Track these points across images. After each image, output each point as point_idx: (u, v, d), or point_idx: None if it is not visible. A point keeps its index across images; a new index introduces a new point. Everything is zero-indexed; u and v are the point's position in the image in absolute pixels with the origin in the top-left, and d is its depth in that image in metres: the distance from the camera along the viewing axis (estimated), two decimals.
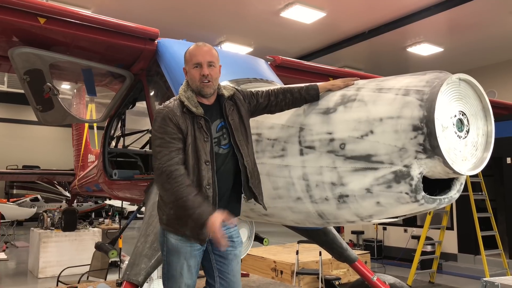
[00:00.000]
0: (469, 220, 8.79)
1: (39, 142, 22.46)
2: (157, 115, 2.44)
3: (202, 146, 2.40)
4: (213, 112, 2.54)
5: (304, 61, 5.20)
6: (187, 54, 2.56)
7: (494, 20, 9.22)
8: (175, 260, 2.44)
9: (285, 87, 2.74)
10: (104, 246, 4.06)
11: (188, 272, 2.45)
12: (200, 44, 2.58)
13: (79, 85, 6.80)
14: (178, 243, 2.43)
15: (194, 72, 2.50)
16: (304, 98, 2.66)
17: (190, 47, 2.59)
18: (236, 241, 2.60)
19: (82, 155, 9.00)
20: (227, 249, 2.52)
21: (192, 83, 2.51)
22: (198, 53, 2.52)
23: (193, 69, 2.50)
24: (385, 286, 3.95)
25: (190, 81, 2.53)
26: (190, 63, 2.52)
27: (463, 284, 8.66)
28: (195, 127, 2.42)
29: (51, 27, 3.43)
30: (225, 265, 2.54)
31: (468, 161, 2.25)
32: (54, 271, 8.31)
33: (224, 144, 2.53)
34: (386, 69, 11.92)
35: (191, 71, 2.51)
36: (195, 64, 2.50)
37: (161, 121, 2.40)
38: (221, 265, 2.54)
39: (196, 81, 2.49)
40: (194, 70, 2.49)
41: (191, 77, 2.51)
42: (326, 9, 8.84)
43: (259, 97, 2.71)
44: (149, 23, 4.24)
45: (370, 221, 2.54)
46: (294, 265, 7.18)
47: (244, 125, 2.59)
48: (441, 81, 2.17)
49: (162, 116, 2.41)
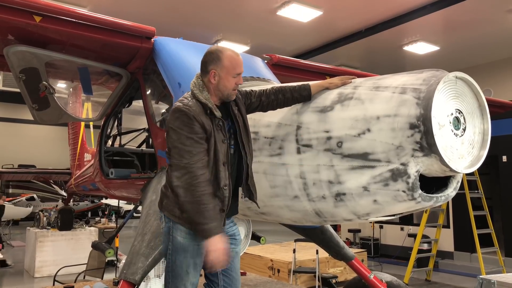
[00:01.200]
0: (465, 218, 8.83)
1: (35, 141, 22.38)
2: (180, 113, 2.37)
3: (221, 147, 2.42)
4: (222, 113, 2.55)
5: (300, 60, 5.20)
6: (227, 60, 2.49)
7: (489, 19, 9.25)
8: (181, 258, 2.42)
9: (277, 87, 2.74)
10: (101, 245, 4.04)
11: (194, 271, 2.45)
12: (237, 52, 2.58)
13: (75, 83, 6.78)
14: (185, 242, 2.42)
15: (232, 81, 2.49)
16: (296, 99, 2.69)
17: (229, 53, 2.52)
18: (238, 239, 2.65)
19: (79, 154, 8.97)
20: (230, 247, 2.56)
21: (224, 89, 2.49)
22: (240, 63, 2.52)
23: (233, 78, 2.49)
24: (382, 284, 3.96)
25: (221, 86, 2.49)
26: (232, 71, 2.48)
27: (459, 282, 8.70)
28: (215, 128, 2.42)
29: (46, 25, 3.41)
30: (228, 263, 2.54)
31: (464, 159, 2.26)
32: (51, 271, 8.30)
33: (232, 144, 2.56)
34: (383, 67, 11.94)
35: (230, 79, 2.49)
36: (238, 73, 2.50)
37: (188, 120, 2.36)
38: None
39: (229, 89, 2.50)
40: (234, 79, 2.49)
41: (225, 84, 2.49)
42: (323, 7, 8.84)
43: (252, 97, 2.72)
44: (146, 21, 4.23)
45: (367, 219, 2.54)
46: (291, 263, 7.19)
47: (245, 124, 2.61)
48: (437, 79, 2.17)
49: (188, 115, 2.36)
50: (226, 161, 2.43)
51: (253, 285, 5.08)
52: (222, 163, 2.40)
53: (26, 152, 21.53)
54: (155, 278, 3.69)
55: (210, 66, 2.50)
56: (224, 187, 2.38)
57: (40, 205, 18.97)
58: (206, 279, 2.63)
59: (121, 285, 2.85)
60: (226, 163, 2.42)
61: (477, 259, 8.03)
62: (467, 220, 8.40)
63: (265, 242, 5.01)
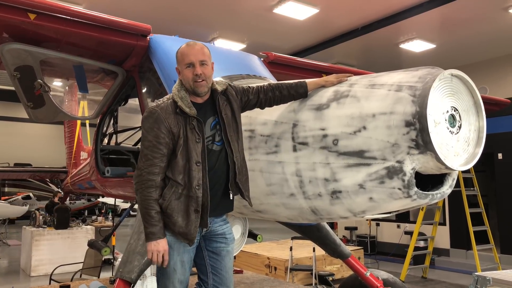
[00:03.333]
0: (461, 215, 8.87)
1: (30, 139, 22.28)
2: (149, 114, 2.45)
3: (194, 147, 2.42)
4: (207, 110, 2.55)
5: (297, 58, 5.20)
6: (179, 54, 2.56)
7: (486, 17, 9.26)
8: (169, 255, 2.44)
9: (275, 84, 2.75)
10: (97, 243, 4.04)
11: (181, 268, 2.47)
12: (191, 43, 2.57)
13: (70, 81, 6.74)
14: (171, 239, 2.44)
15: (187, 72, 2.49)
16: (292, 96, 2.70)
17: (181, 47, 2.58)
18: (229, 238, 2.63)
19: (75, 153, 8.93)
20: (220, 245, 2.57)
21: (185, 83, 2.51)
22: (189, 52, 2.51)
23: (185, 69, 2.50)
24: (378, 282, 3.97)
25: (183, 81, 2.52)
26: (182, 63, 2.52)
27: (455, 279, 8.74)
28: (188, 128, 2.43)
29: (41, 23, 3.39)
30: (218, 261, 2.57)
31: (460, 156, 2.26)
32: (47, 269, 8.28)
33: (218, 141, 2.55)
34: (379, 65, 11.94)
35: (184, 71, 2.51)
36: (187, 64, 2.49)
37: (153, 122, 2.42)
38: (214, 262, 2.58)
39: (189, 81, 2.49)
40: (187, 70, 2.49)
41: (184, 77, 2.51)
42: (319, 5, 8.83)
43: (250, 94, 2.72)
44: (141, 19, 4.21)
45: (363, 217, 2.55)
46: (288, 261, 7.20)
47: (236, 120, 2.60)
48: (433, 77, 2.17)
49: (154, 117, 2.42)
50: (201, 160, 2.42)
51: (250, 283, 5.08)
52: (195, 162, 2.41)
53: (22, 151, 21.43)
54: (151, 277, 3.69)
55: (176, 66, 2.59)
56: (196, 187, 2.39)
57: (36, 203, 18.91)
58: (198, 278, 2.64)
59: (117, 284, 2.84)
60: (201, 163, 2.42)
61: (473, 256, 8.07)
62: (463, 218, 8.44)
63: (261, 240, 5.02)
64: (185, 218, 2.40)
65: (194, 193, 2.39)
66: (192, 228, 2.40)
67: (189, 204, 2.40)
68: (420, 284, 8.43)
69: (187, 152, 2.41)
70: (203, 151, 2.44)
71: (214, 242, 2.58)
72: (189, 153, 2.41)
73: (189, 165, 2.41)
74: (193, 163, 2.40)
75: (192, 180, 2.39)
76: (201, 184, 2.41)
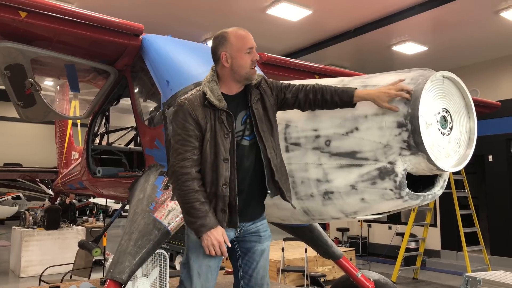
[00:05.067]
0: (452, 217, 8.93)
1: (21, 139, 22.05)
2: (178, 108, 2.32)
3: (222, 142, 2.28)
4: (239, 103, 2.39)
5: (290, 59, 5.20)
6: (233, 37, 2.34)
7: (477, 20, 9.35)
8: (194, 257, 2.31)
9: (319, 86, 2.46)
10: (88, 244, 4.01)
11: (206, 273, 2.31)
12: (242, 28, 2.40)
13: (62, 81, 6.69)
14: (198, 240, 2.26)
15: (246, 58, 2.32)
16: (336, 103, 2.39)
17: (232, 30, 2.37)
18: (263, 236, 2.46)
19: (66, 153, 8.86)
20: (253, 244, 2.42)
21: (240, 69, 2.33)
22: (248, 36, 2.35)
23: (246, 54, 2.32)
24: (370, 283, 3.98)
25: (236, 68, 2.33)
26: (243, 47, 2.32)
27: (445, 280, 8.80)
28: (216, 122, 2.29)
29: (32, 21, 3.35)
30: (249, 262, 2.43)
31: (451, 157, 2.28)
32: (37, 270, 8.19)
33: (248, 135, 2.37)
34: (372, 67, 11.99)
35: (244, 56, 2.32)
36: (250, 48, 2.33)
37: (181, 115, 2.29)
38: (245, 263, 2.43)
39: (247, 67, 2.33)
40: (247, 55, 2.33)
41: (242, 63, 2.32)
42: (312, 7, 8.86)
43: (288, 92, 2.49)
44: (134, 18, 4.19)
45: (354, 218, 2.55)
46: (279, 262, 7.20)
47: (268, 117, 2.41)
48: (425, 79, 2.19)
49: (182, 110, 2.29)
50: (230, 157, 2.27)
51: None
52: (222, 159, 2.26)
53: (11, 150, 21.20)
54: (142, 278, 3.66)
55: (220, 50, 2.35)
56: (223, 186, 2.24)
57: (26, 204, 18.73)
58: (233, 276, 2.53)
59: (107, 285, 2.82)
60: (229, 160, 2.27)
61: (463, 258, 8.13)
62: (454, 219, 8.50)
63: None
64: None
65: (221, 192, 2.25)
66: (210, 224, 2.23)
67: (216, 203, 2.26)
68: (411, 285, 8.47)
69: (215, 148, 2.27)
70: (231, 147, 2.29)
71: (247, 242, 2.41)
72: (216, 149, 2.27)
73: (216, 162, 2.26)
74: (221, 159, 2.26)
75: (220, 178, 2.25)
76: (228, 182, 2.26)
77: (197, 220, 2.19)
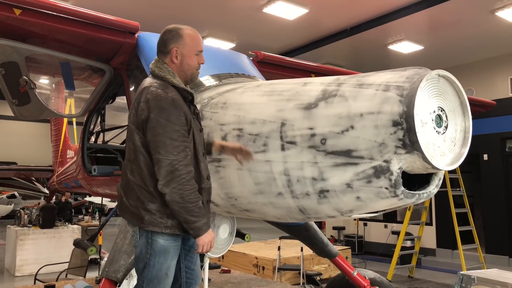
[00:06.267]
0: (447, 215, 8.98)
1: (16, 137, 21.95)
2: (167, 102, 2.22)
3: (199, 136, 2.32)
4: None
5: (286, 57, 5.20)
6: (187, 37, 2.38)
7: (473, 19, 9.38)
8: (162, 261, 2.31)
9: None
10: (83, 243, 4.00)
11: (172, 272, 2.38)
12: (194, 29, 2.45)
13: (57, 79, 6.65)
14: (167, 243, 2.29)
15: (195, 59, 2.38)
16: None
17: (185, 28, 2.41)
18: None
19: (61, 151, 8.83)
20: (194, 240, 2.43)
21: (188, 69, 2.38)
22: (200, 39, 2.41)
23: (195, 55, 2.38)
24: (365, 281, 3.99)
25: (185, 66, 2.38)
26: (193, 48, 2.37)
27: (441, 278, 8.84)
28: (193, 117, 2.33)
29: (27, 18, 3.34)
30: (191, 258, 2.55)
31: (446, 156, 2.28)
32: (32, 269, 8.16)
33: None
34: (367, 66, 12.01)
35: (192, 57, 2.37)
36: (199, 51, 2.38)
37: (175, 110, 2.21)
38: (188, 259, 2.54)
39: (193, 68, 2.38)
40: (196, 57, 2.38)
41: (189, 63, 2.37)
42: (309, 5, 8.86)
43: None
44: (129, 16, 4.17)
45: (350, 216, 2.55)
46: (275, 261, 7.20)
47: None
48: (420, 77, 2.19)
49: (175, 104, 2.23)
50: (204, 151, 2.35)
51: (237, 283, 5.07)
52: (202, 153, 2.32)
53: (6, 149, 21.11)
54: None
55: (172, 45, 2.37)
56: (208, 177, 2.32)
57: (22, 202, 18.65)
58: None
59: (103, 283, 2.82)
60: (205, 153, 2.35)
61: (459, 256, 8.17)
62: (449, 218, 8.54)
63: (249, 240, 5.00)
64: None
65: (206, 185, 2.29)
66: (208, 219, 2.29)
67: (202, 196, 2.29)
68: (407, 284, 8.50)
69: (194, 143, 2.29)
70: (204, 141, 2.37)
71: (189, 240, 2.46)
72: (195, 144, 2.29)
73: (197, 156, 2.29)
74: (200, 154, 2.30)
75: (203, 173, 2.30)
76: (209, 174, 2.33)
77: (201, 219, 2.20)
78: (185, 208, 2.18)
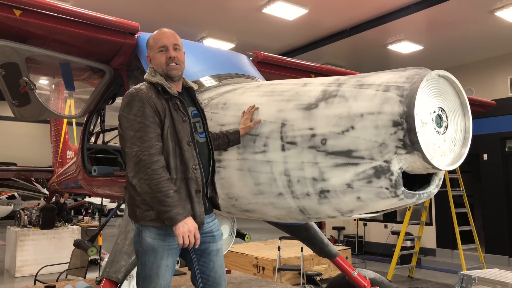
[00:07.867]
0: (447, 215, 8.98)
1: (15, 138, 21.95)
2: (131, 98, 2.30)
3: (182, 127, 2.32)
4: (185, 99, 2.48)
5: (285, 57, 5.21)
6: (151, 40, 2.50)
7: (472, 19, 9.39)
8: (151, 259, 2.31)
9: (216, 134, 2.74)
10: (83, 243, 3.99)
11: (165, 273, 2.33)
12: (163, 29, 2.54)
13: (57, 79, 6.66)
14: (155, 242, 2.30)
15: (159, 56, 2.43)
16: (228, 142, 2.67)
17: (152, 34, 2.54)
18: (217, 235, 2.53)
19: (61, 152, 8.83)
20: (208, 245, 2.47)
21: (158, 67, 2.43)
22: (162, 36, 2.47)
23: (158, 53, 2.44)
24: (366, 281, 3.99)
25: (156, 67, 2.45)
26: (154, 47, 2.46)
27: (441, 278, 8.84)
28: (172, 109, 2.33)
29: (27, 19, 3.34)
30: (206, 263, 2.47)
31: (446, 156, 2.28)
32: (32, 270, 8.17)
33: (201, 133, 2.50)
34: (367, 66, 12.02)
35: (157, 56, 2.44)
36: (161, 47, 2.44)
37: (139, 103, 2.26)
38: (202, 264, 2.48)
39: (162, 65, 2.42)
40: (160, 54, 2.44)
41: (157, 62, 2.44)
42: (308, 6, 8.86)
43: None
44: (130, 17, 4.17)
45: (350, 216, 2.55)
46: (276, 261, 7.20)
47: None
48: (420, 77, 2.19)
49: (138, 98, 2.27)
50: (192, 140, 2.33)
51: (237, 283, 5.07)
52: (187, 142, 2.30)
53: (6, 150, 21.10)
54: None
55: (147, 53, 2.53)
56: (193, 167, 2.28)
57: (21, 203, 18.64)
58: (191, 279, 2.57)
59: (103, 284, 2.81)
60: (192, 142, 2.33)
61: (459, 256, 8.17)
62: (449, 218, 8.54)
63: (250, 240, 5.00)
64: (187, 202, 2.27)
65: (192, 174, 2.27)
66: (199, 209, 2.27)
67: (189, 186, 2.27)
68: (407, 284, 8.50)
69: (175, 133, 2.29)
70: (191, 131, 2.35)
71: (201, 244, 2.37)
72: (178, 134, 2.29)
73: (180, 146, 2.28)
74: (185, 143, 2.29)
75: (188, 162, 2.28)
76: (197, 164, 2.30)
77: (172, 208, 2.16)
78: (155, 198, 2.18)
